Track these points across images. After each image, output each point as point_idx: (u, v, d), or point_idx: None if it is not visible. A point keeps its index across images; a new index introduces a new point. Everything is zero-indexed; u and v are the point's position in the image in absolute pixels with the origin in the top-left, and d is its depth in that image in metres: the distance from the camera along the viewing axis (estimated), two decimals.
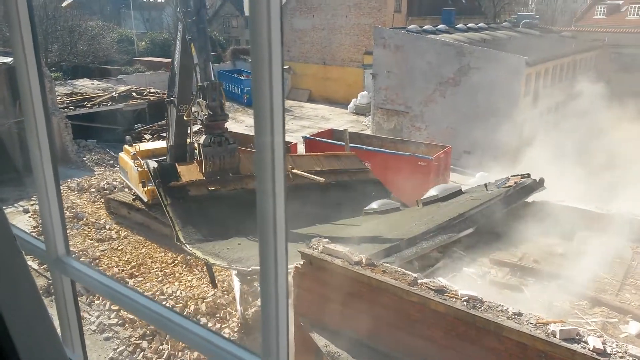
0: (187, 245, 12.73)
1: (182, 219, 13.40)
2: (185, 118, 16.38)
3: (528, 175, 14.29)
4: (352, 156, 19.25)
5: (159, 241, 17.61)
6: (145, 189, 17.74)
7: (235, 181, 15.17)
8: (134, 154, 19.15)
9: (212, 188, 14.67)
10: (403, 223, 12.06)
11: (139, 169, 18.15)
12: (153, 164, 17.25)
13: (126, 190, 20.74)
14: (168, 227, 15.52)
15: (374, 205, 15.83)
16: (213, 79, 14.92)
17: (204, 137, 15.06)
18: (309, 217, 13.64)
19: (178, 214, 13.55)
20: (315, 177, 15.79)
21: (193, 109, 15.87)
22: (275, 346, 1.28)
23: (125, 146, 20.55)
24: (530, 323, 6.87)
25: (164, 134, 22.04)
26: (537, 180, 14.16)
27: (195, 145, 16.43)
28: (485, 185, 14.33)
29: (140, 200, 18.68)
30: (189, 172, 15.01)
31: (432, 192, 15.37)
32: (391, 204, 16.22)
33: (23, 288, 1.14)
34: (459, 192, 14.51)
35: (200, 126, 15.69)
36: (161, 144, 20.21)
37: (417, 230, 10.37)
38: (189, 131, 17.13)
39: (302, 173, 16.15)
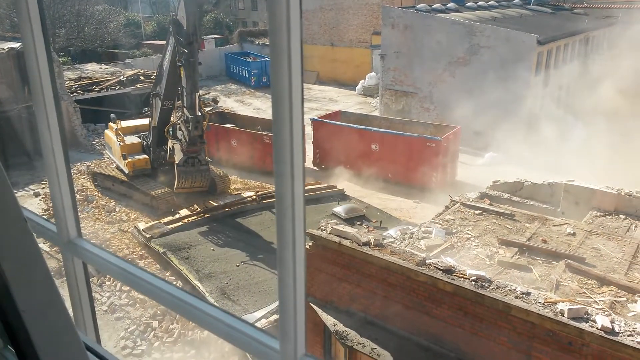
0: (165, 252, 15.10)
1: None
2: (165, 135, 17.99)
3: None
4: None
5: (141, 210, 18.89)
6: (126, 161, 19.35)
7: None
8: (117, 129, 20.33)
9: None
10: None
11: (121, 144, 19.67)
12: (133, 139, 19.89)
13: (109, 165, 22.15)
14: (148, 197, 18.70)
15: (340, 210, 16.16)
16: (198, 111, 16.03)
17: (180, 156, 16.66)
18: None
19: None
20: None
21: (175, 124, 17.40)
22: (293, 329, 1.27)
23: (110, 124, 21.40)
24: (539, 302, 6.90)
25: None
26: None
27: (170, 144, 18.20)
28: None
29: (122, 171, 20.07)
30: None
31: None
32: (357, 210, 16.55)
33: (35, 270, 1.15)
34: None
35: (180, 117, 16.98)
36: (142, 121, 21.29)
37: None
38: (171, 119, 18.29)
39: (268, 191, 18.48)
